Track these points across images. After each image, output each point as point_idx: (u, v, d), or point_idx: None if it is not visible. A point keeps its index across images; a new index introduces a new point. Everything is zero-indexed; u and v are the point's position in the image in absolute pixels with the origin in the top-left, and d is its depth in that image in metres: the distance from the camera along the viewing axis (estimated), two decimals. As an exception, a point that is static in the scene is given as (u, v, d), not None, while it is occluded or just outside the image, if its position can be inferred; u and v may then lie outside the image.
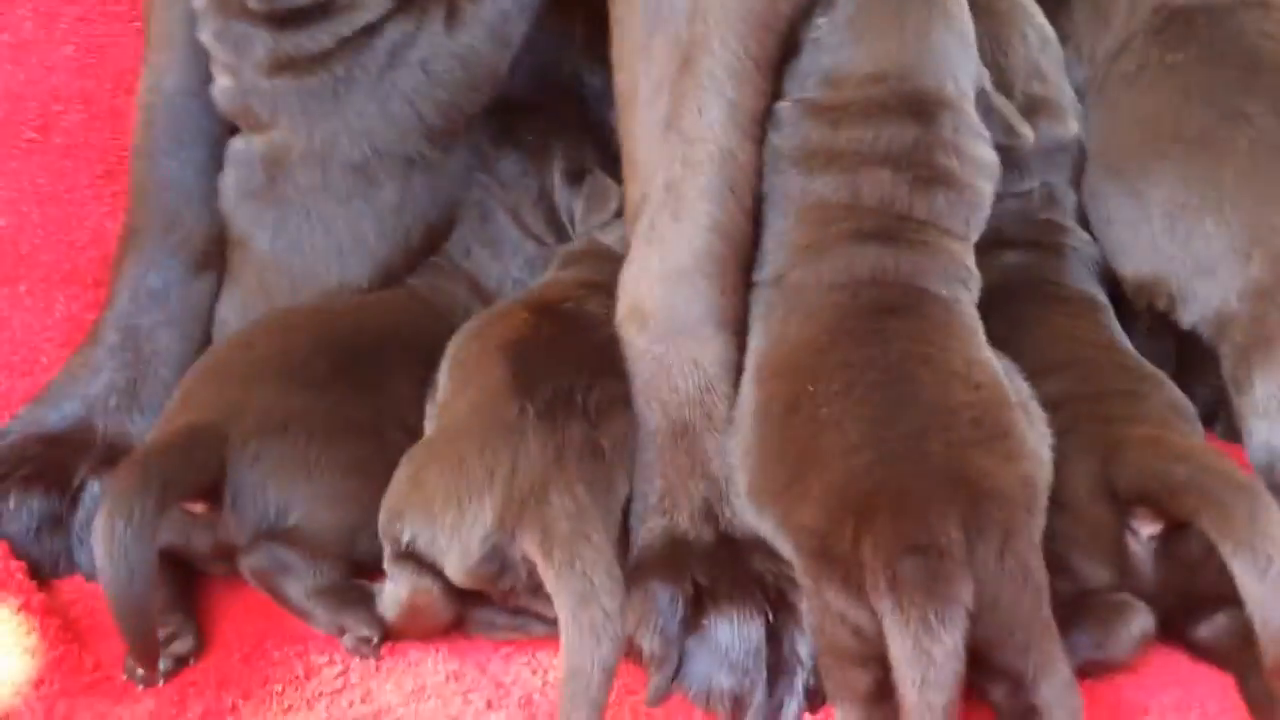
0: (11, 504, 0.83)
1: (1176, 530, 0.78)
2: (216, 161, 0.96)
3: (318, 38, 0.94)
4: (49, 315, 1.02)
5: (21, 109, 1.03)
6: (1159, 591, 0.79)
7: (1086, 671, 0.75)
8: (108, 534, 0.71)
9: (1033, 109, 1.00)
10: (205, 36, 0.94)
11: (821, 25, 0.91)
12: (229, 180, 0.96)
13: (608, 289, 0.89)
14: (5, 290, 1.01)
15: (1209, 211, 0.93)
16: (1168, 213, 0.95)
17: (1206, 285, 0.92)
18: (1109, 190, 1.00)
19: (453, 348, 0.88)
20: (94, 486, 0.84)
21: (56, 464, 0.85)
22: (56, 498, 0.84)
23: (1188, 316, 0.94)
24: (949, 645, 0.68)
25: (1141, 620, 0.78)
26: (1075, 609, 0.77)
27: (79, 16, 1.06)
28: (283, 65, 0.94)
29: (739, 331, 0.86)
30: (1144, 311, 0.98)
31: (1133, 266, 0.97)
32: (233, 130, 0.97)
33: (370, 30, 0.95)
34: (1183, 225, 0.94)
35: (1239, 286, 0.91)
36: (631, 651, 0.74)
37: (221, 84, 0.95)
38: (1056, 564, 0.76)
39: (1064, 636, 0.73)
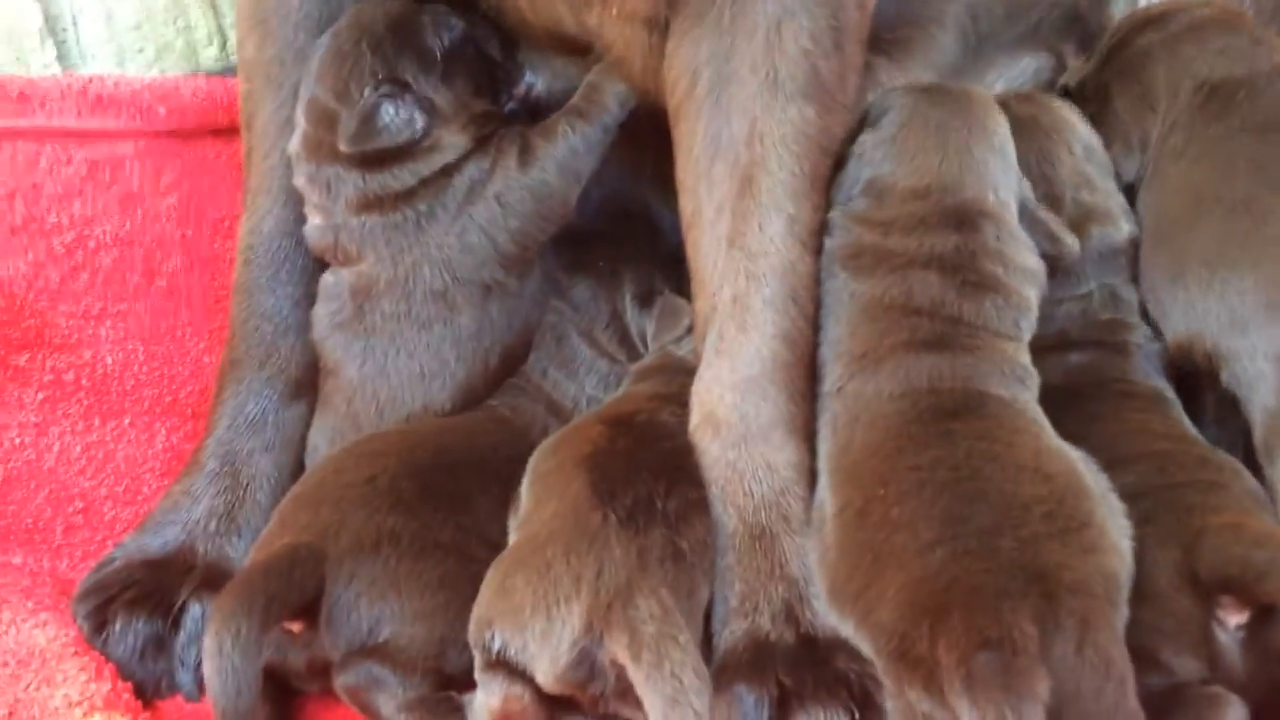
0: (118, 627, 0.86)
1: (1263, 618, 0.77)
2: (310, 296, 1.02)
3: (401, 178, 1.00)
4: (151, 446, 1.07)
5: (129, 255, 1.09)
6: (1250, 681, 0.77)
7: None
8: (215, 651, 0.74)
9: (1084, 216, 1.03)
10: (299, 180, 1.01)
11: (866, 141, 0.95)
12: (320, 312, 1.02)
13: (680, 400, 0.92)
14: (111, 423, 1.06)
15: (1247, 269, 0.93)
16: (1205, 265, 0.96)
17: (1238, 342, 0.92)
18: (1155, 257, 1.02)
19: (533, 464, 0.91)
20: (195, 609, 0.88)
21: (159, 588, 0.88)
22: (159, 621, 0.87)
23: (1224, 375, 0.93)
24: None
25: (1234, 712, 0.76)
26: (1167, 702, 0.76)
27: (181, 171, 1.14)
28: (370, 203, 1.00)
29: (810, 436, 0.88)
30: (1209, 400, 0.98)
31: (1173, 327, 0.98)
32: (324, 266, 1.03)
33: (449, 170, 1.01)
34: (1219, 280, 0.94)
35: (1269, 348, 0.90)
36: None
37: (314, 223, 1.02)
38: (1144, 657, 0.75)
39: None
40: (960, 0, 1.19)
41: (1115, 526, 0.80)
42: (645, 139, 1.03)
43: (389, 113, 1.00)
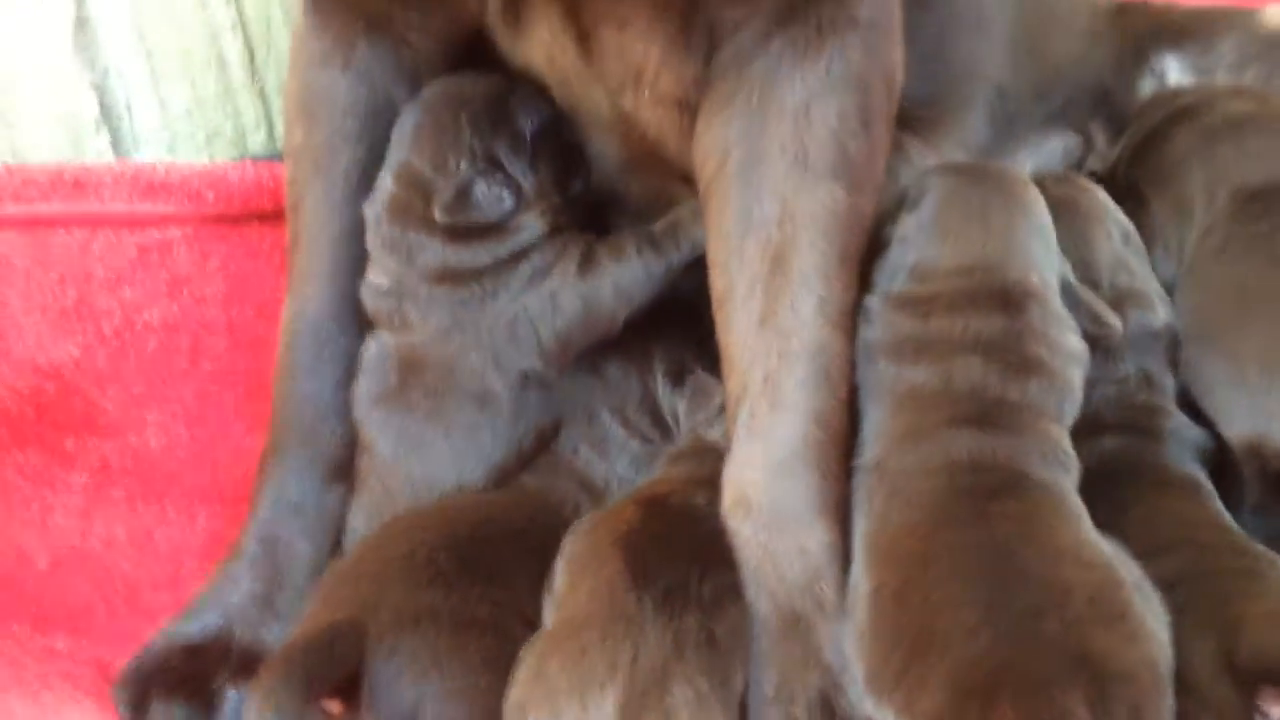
0: (156, 713, 0.87)
1: (1307, 708, 0.76)
2: (351, 378, 1.03)
3: (480, 255, 1.02)
4: (192, 531, 1.08)
5: (175, 339, 1.12)
6: (1295, 773, 0.76)
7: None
8: None
9: (1121, 299, 1.02)
10: (375, 242, 1.02)
11: (909, 223, 0.96)
12: (360, 388, 1.03)
13: (713, 483, 0.92)
14: (153, 508, 1.07)
15: None
16: (1264, 369, 0.96)
17: None
18: (1205, 359, 1.01)
19: (567, 544, 0.91)
20: (231, 695, 0.88)
21: (196, 673, 0.89)
22: (197, 706, 0.87)
23: None
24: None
25: (1280, 804, 0.76)
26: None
27: (228, 255, 1.17)
28: (446, 276, 1.02)
29: (842, 518, 0.87)
30: (1252, 485, 0.97)
31: (1237, 429, 0.97)
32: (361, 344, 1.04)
33: (519, 255, 1.03)
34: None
35: None
36: None
37: (378, 283, 1.02)
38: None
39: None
40: (989, 80, 1.21)
41: (1153, 615, 0.79)
42: None
43: (482, 190, 1.02)
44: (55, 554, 1.00)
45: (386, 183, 1.03)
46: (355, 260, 1.04)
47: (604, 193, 1.11)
